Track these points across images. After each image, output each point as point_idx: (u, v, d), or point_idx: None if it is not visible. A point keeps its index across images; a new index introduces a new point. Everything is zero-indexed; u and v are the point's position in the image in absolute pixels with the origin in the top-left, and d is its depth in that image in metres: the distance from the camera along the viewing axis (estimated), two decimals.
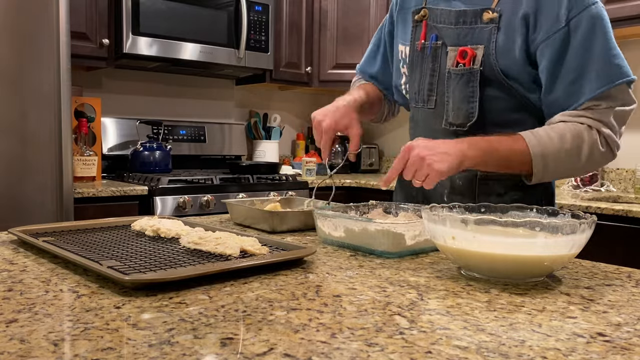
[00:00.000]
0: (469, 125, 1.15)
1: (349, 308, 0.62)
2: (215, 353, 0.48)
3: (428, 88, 1.22)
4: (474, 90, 1.12)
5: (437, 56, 1.19)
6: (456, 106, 1.16)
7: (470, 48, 1.12)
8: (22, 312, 0.58)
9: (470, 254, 0.75)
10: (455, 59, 1.15)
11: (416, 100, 1.26)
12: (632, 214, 1.94)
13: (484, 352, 0.50)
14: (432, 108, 1.22)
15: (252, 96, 3.44)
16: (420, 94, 1.24)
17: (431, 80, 1.21)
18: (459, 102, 1.15)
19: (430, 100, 1.22)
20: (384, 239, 0.89)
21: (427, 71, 1.22)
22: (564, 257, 0.74)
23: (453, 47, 1.15)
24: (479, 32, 1.12)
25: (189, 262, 0.78)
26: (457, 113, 1.16)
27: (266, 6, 2.89)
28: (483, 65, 1.11)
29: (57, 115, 1.98)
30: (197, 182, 2.47)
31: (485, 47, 1.11)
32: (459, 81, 1.14)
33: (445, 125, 1.18)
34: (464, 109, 1.15)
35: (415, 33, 1.24)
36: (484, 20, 1.11)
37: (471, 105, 1.14)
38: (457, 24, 1.15)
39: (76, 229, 1.06)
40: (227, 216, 1.34)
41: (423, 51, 1.22)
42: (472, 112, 1.14)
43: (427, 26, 1.21)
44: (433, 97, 1.21)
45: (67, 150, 2.01)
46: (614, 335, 0.55)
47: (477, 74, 1.12)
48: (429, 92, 1.22)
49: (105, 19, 2.48)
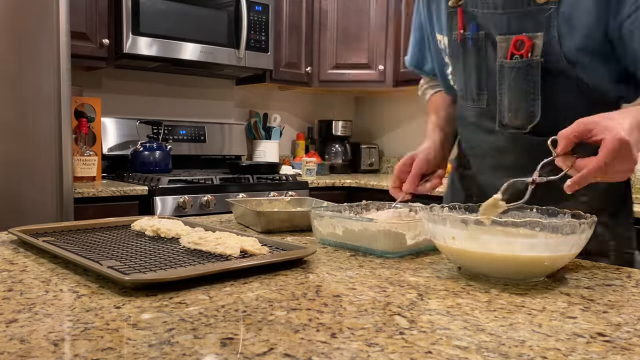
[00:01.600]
0: (530, 127, 1.00)
1: (349, 308, 0.62)
2: (215, 353, 0.48)
3: (476, 85, 1.07)
4: (535, 85, 0.97)
5: (480, 49, 1.03)
6: (514, 106, 1.01)
7: (526, 36, 0.96)
8: (22, 312, 0.58)
9: (470, 254, 0.75)
10: (509, 50, 0.98)
11: (464, 98, 1.11)
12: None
13: (484, 352, 0.50)
14: (483, 107, 1.07)
15: (252, 96, 3.44)
16: (468, 90, 1.09)
17: (478, 76, 1.06)
18: (516, 100, 1.00)
19: (480, 99, 1.07)
20: (386, 239, 0.89)
21: (472, 66, 1.06)
22: (564, 257, 0.74)
23: (503, 37, 0.99)
24: (534, 17, 0.95)
25: (189, 262, 0.78)
26: (514, 114, 1.01)
27: (266, 6, 2.88)
28: (545, 55, 0.95)
29: (57, 116, 1.98)
30: (197, 182, 2.47)
31: (546, 34, 0.94)
32: (515, 75, 0.99)
33: (499, 128, 1.04)
34: (524, 109, 1.00)
35: (452, 22, 1.07)
36: (540, 1, 0.94)
37: (532, 103, 0.99)
38: (505, 8, 0.98)
39: (76, 229, 1.06)
40: (227, 216, 1.34)
41: (464, 43, 1.06)
42: (534, 110, 0.99)
43: (464, 14, 1.04)
44: (484, 95, 1.06)
45: (67, 150, 2.01)
46: (614, 335, 0.55)
47: (538, 65, 0.96)
48: (478, 90, 1.07)
49: (105, 19, 2.48)
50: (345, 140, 3.61)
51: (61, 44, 1.97)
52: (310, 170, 2.98)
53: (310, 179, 2.92)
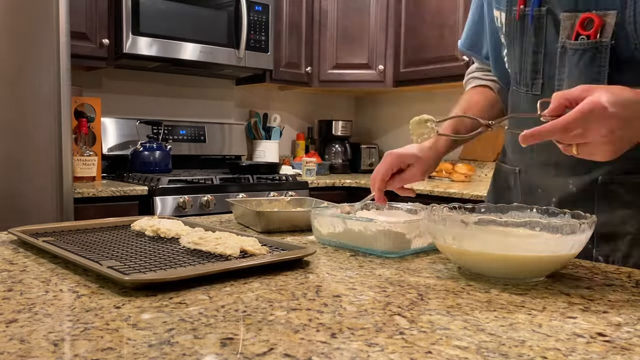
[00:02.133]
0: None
1: (349, 308, 0.62)
2: (215, 353, 0.48)
3: (532, 69, 0.96)
4: (602, 71, 0.86)
5: (541, 27, 0.93)
6: None
7: (596, 14, 0.85)
8: (22, 312, 0.58)
9: (470, 254, 0.75)
10: (575, 30, 0.87)
11: (517, 82, 1.01)
12: None
13: (484, 352, 0.50)
14: (537, 94, 0.96)
15: (252, 96, 3.44)
16: (522, 75, 0.98)
17: (535, 58, 0.95)
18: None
19: (535, 85, 0.97)
20: (386, 239, 0.89)
21: (529, 47, 0.95)
22: (564, 257, 0.74)
23: (568, 14, 0.88)
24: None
25: (189, 262, 0.78)
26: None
27: (266, 6, 2.89)
28: (616, 38, 0.84)
29: (57, 116, 1.98)
30: (197, 182, 2.47)
31: (620, 14, 0.83)
32: (580, 59, 0.88)
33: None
34: None
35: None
36: None
37: None
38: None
39: (76, 229, 1.06)
40: (227, 216, 1.34)
41: (522, 21, 0.95)
42: None
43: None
44: (539, 80, 0.96)
45: (67, 150, 2.01)
46: (614, 335, 0.55)
47: (607, 49, 0.85)
48: (533, 74, 0.96)
49: (105, 19, 2.48)
50: (345, 140, 3.61)
51: (61, 44, 1.97)
52: (310, 170, 2.98)
53: (310, 179, 2.92)
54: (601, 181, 0.91)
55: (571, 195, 0.95)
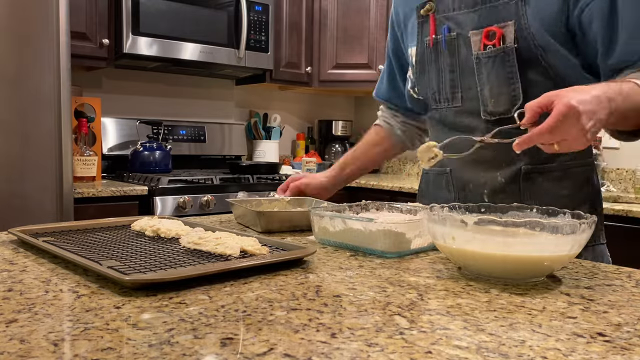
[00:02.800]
0: (515, 111, 1.00)
1: (349, 308, 0.62)
2: (215, 353, 0.48)
3: (450, 85, 1.13)
4: (513, 70, 1.03)
5: (453, 49, 1.11)
6: (495, 91, 1.06)
7: (496, 27, 1.04)
8: (22, 312, 0.58)
9: (470, 254, 0.75)
10: (482, 42, 1.06)
11: (437, 101, 1.17)
12: (632, 214, 1.94)
13: (484, 352, 0.50)
14: (458, 106, 1.13)
15: (252, 96, 3.44)
16: (442, 93, 1.15)
17: (452, 76, 1.13)
18: (498, 86, 1.06)
19: (455, 98, 1.13)
20: (385, 238, 0.89)
21: (445, 67, 1.13)
22: (564, 257, 0.74)
23: (475, 31, 1.07)
24: (503, 8, 1.04)
25: (189, 262, 0.78)
26: (497, 99, 1.06)
27: (266, 6, 2.89)
28: (517, 42, 1.02)
29: (57, 115, 1.98)
30: (197, 182, 2.47)
31: (517, 22, 1.02)
32: (493, 64, 1.05)
33: (485, 116, 1.09)
34: (506, 93, 1.05)
35: (423, 30, 1.16)
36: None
37: (513, 87, 1.04)
38: (475, 6, 1.07)
39: (76, 229, 1.06)
40: (227, 216, 1.34)
41: (436, 47, 1.14)
42: (516, 94, 1.04)
43: (436, 20, 1.13)
44: (458, 93, 1.13)
45: (67, 150, 2.01)
46: (614, 335, 0.55)
47: (513, 52, 1.03)
48: (452, 89, 1.13)
49: (105, 19, 2.48)
50: (345, 140, 3.61)
51: (61, 44, 1.97)
52: (310, 170, 2.98)
53: None
54: (524, 170, 1.07)
55: (500, 186, 1.10)
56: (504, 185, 1.10)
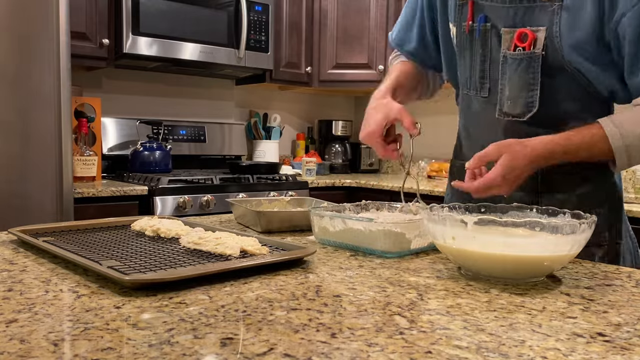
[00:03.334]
0: (528, 117, 1.05)
1: (349, 308, 0.62)
2: (215, 353, 0.48)
3: (480, 75, 1.12)
4: (535, 77, 1.03)
5: (487, 40, 1.09)
6: (513, 94, 1.06)
7: (529, 30, 1.02)
8: (22, 312, 0.58)
9: (470, 254, 0.75)
10: (513, 42, 1.04)
11: (467, 87, 1.16)
12: (632, 214, 1.94)
13: (484, 352, 0.50)
14: (485, 97, 1.12)
15: (252, 96, 3.44)
16: (472, 80, 1.14)
17: (482, 66, 1.11)
18: (517, 90, 1.06)
19: (483, 88, 1.12)
20: (385, 238, 0.89)
21: (477, 57, 1.11)
22: (564, 257, 0.74)
23: (508, 29, 1.05)
24: (539, 11, 1.01)
25: (189, 262, 0.78)
26: (514, 102, 1.06)
27: (266, 6, 2.89)
28: (546, 49, 1.01)
29: (57, 115, 1.97)
30: (197, 182, 2.47)
31: (548, 29, 1.00)
32: (518, 67, 1.04)
33: (500, 116, 1.09)
34: (523, 98, 1.05)
35: (461, 13, 1.12)
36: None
37: (531, 93, 1.04)
38: (510, 2, 1.04)
39: (76, 229, 1.06)
40: (227, 216, 1.34)
41: (471, 34, 1.11)
42: (532, 101, 1.04)
43: (474, 5, 1.09)
44: (486, 84, 1.11)
45: (67, 150, 2.01)
46: (614, 335, 0.55)
47: (539, 59, 1.02)
48: (481, 80, 1.12)
49: (105, 19, 2.48)
50: (345, 140, 3.61)
51: (61, 44, 1.97)
52: (310, 170, 2.98)
53: (310, 179, 2.92)
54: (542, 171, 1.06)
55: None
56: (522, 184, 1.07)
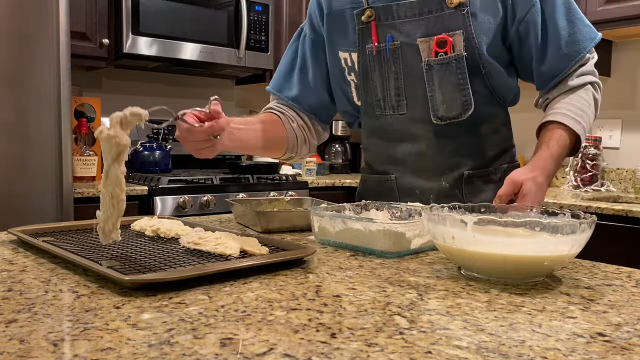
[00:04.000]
0: (467, 116, 1.11)
1: (349, 308, 0.62)
2: (215, 353, 0.48)
3: (395, 93, 1.16)
4: (464, 77, 1.10)
5: (397, 57, 1.14)
6: (447, 97, 1.11)
7: (446, 35, 1.08)
8: (21, 312, 0.58)
9: (470, 254, 0.75)
10: (433, 49, 1.10)
11: (382, 108, 1.19)
12: (632, 214, 1.94)
13: (484, 352, 0.50)
14: (403, 113, 1.17)
15: (252, 96, 3.44)
16: (387, 100, 1.18)
17: (397, 83, 1.15)
18: (450, 92, 1.10)
19: (400, 106, 1.17)
20: (385, 238, 0.89)
21: (390, 74, 1.15)
22: (564, 257, 0.74)
23: (424, 39, 1.10)
24: (450, 18, 1.09)
25: (189, 262, 0.78)
26: (450, 104, 1.11)
27: (266, 6, 2.89)
28: (466, 51, 1.09)
29: (57, 115, 1.97)
30: (197, 182, 2.47)
31: (464, 32, 1.08)
32: (445, 70, 1.10)
33: (436, 121, 1.13)
34: (459, 98, 1.11)
35: (363, 37, 1.16)
36: (451, 6, 1.08)
37: (464, 92, 1.10)
38: (421, 15, 1.10)
39: (76, 229, 1.06)
40: (227, 216, 1.34)
41: (379, 54, 1.15)
42: (467, 99, 1.10)
43: (377, 27, 1.14)
44: (402, 101, 1.16)
45: (67, 150, 2.01)
46: (614, 335, 0.55)
47: (463, 59, 1.09)
48: (397, 97, 1.16)
49: (105, 18, 2.48)
50: (345, 140, 3.61)
51: (61, 44, 1.97)
52: (310, 170, 2.98)
53: (310, 179, 2.92)
54: (466, 175, 1.17)
55: (444, 190, 1.18)
56: (448, 189, 1.18)
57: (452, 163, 1.17)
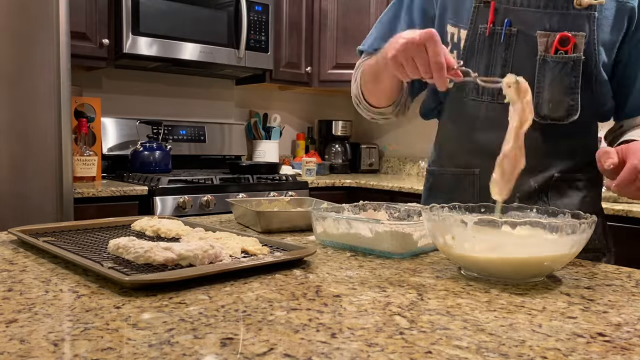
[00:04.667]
0: (570, 121, 1.07)
1: (349, 308, 0.62)
2: (215, 353, 0.48)
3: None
4: (577, 80, 1.05)
5: (510, 44, 1.09)
6: (555, 98, 1.07)
7: (570, 34, 1.04)
8: (22, 312, 0.58)
9: (469, 254, 0.75)
10: (554, 46, 1.05)
11: (478, 93, 1.13)
12: (632, 214, 1.94)
13: (484, 352, 0.50)
14: (501, 103, 1.06)
15: (252, 96, 3.44)
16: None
17: (503, 71, 1.09)
18: (558, 93, 1.06)
19: (501, 94, 1.06)
20: (392, 239, 0.88)
21: (498, 60, 1.10)
22: (564, 257, 0.74)
23: (544, 32, 1.06)
24: (574, 18, 1.05)
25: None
26: (556, 105, 1.07)
27: (266, 6, 2.88)
28: (585, 54, 1.04)
29: (57, 115, 1.97)
30: (197, 182, 2.47)
31: (588, 36, 1.04)
32: (561, 70, 1.06)
33: (537, 119, 1.06)
34: (566, 101, 1.06)
35: (478, 15, 1.11)
36: (578, 7, 1.04)
37: (573, 97, 1.06)
38: (546, 8, 1.06)
39: (76, 229, 1.06)
40: (227, 216, 1.34)
41: (492, 37, 1.10)
42: (574, 104, 1.06)
43: (497, 9, 1.09)
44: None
45: (67, 150, 2.01)
46: (614, 335, 0.55)
47: (580, 63, 1.05)
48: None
49: (105, 19, 2.48)
50: (345, 140, 3.61)
51: (61, 44, 1.97)
52: (310, 170, 2.98)
53: (310, 179, 2.92)
54: (555, 178, 1.11)
55: (532, 191, 1.11)
56: (534, 191, 1.11)
57: (545, 164, 1.11)
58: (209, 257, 0.76)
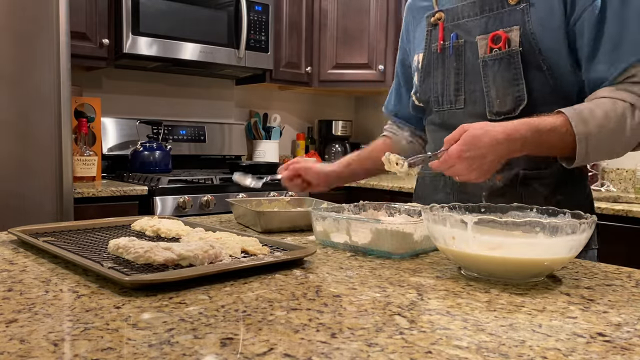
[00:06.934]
0: (520, 111, 1.09)
1: (349, 308, 0.62)
2: (215, 353, 0.48)
3: (454, 88, 1.19)
4: (517, 72, 1.08)
5: (460, 54, 1.17)
6: (501, 92, 1.11)
7: (502, 31, 1.09)
8: (22, 312, 0.58)
9: (469, 254, 0.75)
10: (488, 46, 1.11)
11: (439, 103, 1.23)
12: (632, 214, 1.94)
13: (484, 352, 0.50)
14: (461, 108, 1.19)
15: (252, 96, 3.44)
16: (446, 95, 1.21)
17: (457, 79, 1.18)
18: (503, 87, 1.11)
19: (458, 101, 1.19)
20: (393, 239, 0.88)
21: (451, 70, 1.19)
22: (564, 257, 0.74)
23: (482, 36, 1.13)
24: (509, 14, 1.10)
25: None
26: (503, 100, 1.11)
27: (266, 6, 2.88)
28: (522, 46, 1.07)
29: (57, 115, 1.97)
30: (197, 182, 2.47)
31: (522, 28, 1.08)
32: (499, 66, 1.10)
33: (491, 117, 1.12)
34: (511, 94, 1.10)
35: (431, 37, 1.23)
36: (512, 3, 1.09)
37: (518, 88, 1.09)
38: (482, 14, 1.13)
39: (76, 229, 1.06)
40: (227, 216, 1.34)
41: (444, 52, 1.20)
42: (520, 95, 1.09)
43: (445, 28, 1.20)
44: (461, 96, 1.18)
45: (67, 150, 2.01)
46: (614, 335, 0.55)
47: (518, 55, 1.08)
48: (456, 92, 1.19)
49: (105, 19, 2.48)
50: (345, 140, 3.61)
51: (61, 44, 1.97)
52: None
53: None
54: (521, 175, 1.12)
55: (499, 189, 1.14)
56: (502, 188, 1.13)
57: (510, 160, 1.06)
58: (209, 257, 0.76)
